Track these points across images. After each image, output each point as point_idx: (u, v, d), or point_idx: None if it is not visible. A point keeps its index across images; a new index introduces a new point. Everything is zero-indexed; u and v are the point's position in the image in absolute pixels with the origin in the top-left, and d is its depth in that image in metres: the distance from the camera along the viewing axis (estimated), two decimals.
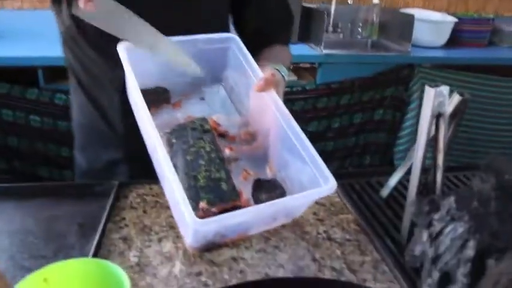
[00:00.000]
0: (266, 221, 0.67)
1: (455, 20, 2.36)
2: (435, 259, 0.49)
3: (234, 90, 0.86)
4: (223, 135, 0.79)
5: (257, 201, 0.68)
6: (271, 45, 0.96)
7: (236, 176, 0.72)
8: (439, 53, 2.31)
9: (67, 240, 0.70)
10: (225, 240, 0.67)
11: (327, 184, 0.63)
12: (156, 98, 0.81)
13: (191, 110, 0.82)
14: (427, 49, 2.32)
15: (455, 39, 2.42)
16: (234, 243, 0.67)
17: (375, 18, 2.48)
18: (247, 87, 0.79)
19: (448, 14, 2.49)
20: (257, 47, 0.94)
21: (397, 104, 2.21)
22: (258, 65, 0.80)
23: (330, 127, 2.19)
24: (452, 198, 0.49)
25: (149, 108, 0.79)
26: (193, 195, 0.63)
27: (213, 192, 0.63)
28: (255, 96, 0.77)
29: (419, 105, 2.19)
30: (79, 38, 0.86)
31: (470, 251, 0.45)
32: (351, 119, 2.21)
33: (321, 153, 2.12)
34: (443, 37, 2.36)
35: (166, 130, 0.75)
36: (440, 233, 0.49)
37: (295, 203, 0.66)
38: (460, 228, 0.47)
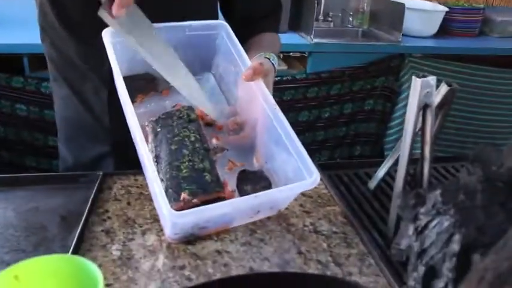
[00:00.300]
0: (248, 214, 0.66)
1: (446, 9, 2.35)
2: (421, 253, 0.48)
3: (223, 78, 0.84)
4: (210, 124, 0.78)
5: (242, 192, 0.66)
6: (260, 33, 0.94)
7: (222, 166, 0.71)
8: (430, 43, 2.30)
9: (48, 233, 0.68)
10: (206, 233, 0.65)
11: (311, 177, 0.62)
12: (143, 85, 0.80)
13: (179, 98, 0.79)
14: (418, 39, 2.32)
15: (446, 28, 2.42)
16: (219, 236, 0.66)
17: (365, 7, 2.46)
18: (236, 76, 0.78)
19: (439, 3, 2.49)
20: (245, 35, 0.92)
21: (387, 94, 2.21)
22: (248, 53, 0.78)
23: (320, 117, 2.19)
24: (438, 192, 0.49)
25: (136, 96, 0.78)
26: (176, 186, 0.61)
27: (195, 183, 0.62)
28: (243, 85, 0.76)
29: None
30: (60, 28, 0.83)
31: (455, 246, 0.44)
32: (341, 109, 2.20)
33: (311, 143, 2.12)
34: (434, 27, 2.36)
35: (152, 118, 0.73)
36: (425, 226, 0.48)
37: (277, 196, 0.64)
38: (446, 222, 0.46)
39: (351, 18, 2.47)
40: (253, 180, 0.67)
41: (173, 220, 0.55)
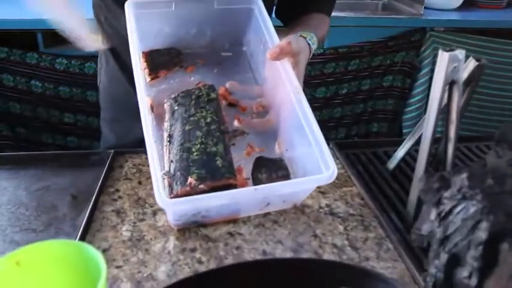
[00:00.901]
0: (256, 206, 0.62)
1: None
2: (444, 240, 0.45)
3: (253, 56, 0.80)
4: (234, 105, 0.74)
5: (256, 181, 0.62)
6: (310, 13, 0.90)
7: (240, 151, 0.67)
8: (453, 16, 2.20)
9: (59, 212, 0.67)
10: (211, 221, 0.62)
11: (327, 171, 0.58)
12: (168, 60, 0.77)
13: (204, 76, 0.76)
14: (441, 11, 2.22)
15: (471, 0, 2.31)
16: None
17: None
18: (264, 55, 0.73)
19: None
20: (295, 13, 0.89)
21: (407, 69, 2.14)
22: (291, 32, 0.74)
23: (338, 93, 2.14)
24: (464, 175, 0.45)
25: (160, 71, 0.75)
26: (184, 169, 0.58)
27: (204, 168, 0.58)
28: (271, 65, 0.72)
29: (431, 71, 2.11)
30: (113, 5, 0.82)
31: (482, 233, 0.41)
32: (359, 85, 2.14)
33: (328, 120, 2.08)
34: None
35: (172, 95, 0.71)
36: (450, 212, 0.45)
37: (283, 191, 0.59)
38: (472, 207, 0.43)
39: None
40: (270, 168, 0.62)
41: (165, 208, 0.53)
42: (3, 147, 1.97)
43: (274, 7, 0.94)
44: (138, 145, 0.89)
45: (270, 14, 0.91)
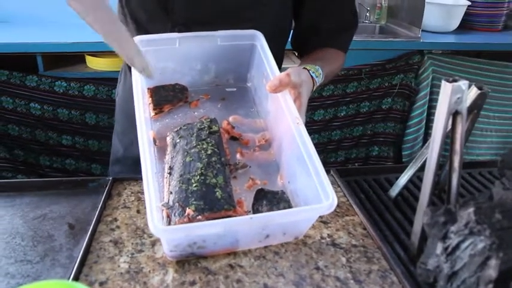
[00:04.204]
0: (255, 237, 0.60)
1: (468, 3, 2.27)
2: (451, 276, 0.44)
3: (257, 91, 0.81)
4: (236, 138, 0.74)
5: (256, 213, 0.61)
6: (325, 47, 0.91)
7: (242, 184, 0.67)
8: (451, 39, 2.22)
9: (55, 242, 0.66)
10: (209, 253, 0.60)
11: (327, 201, 0.56)
12: (172, 95, 0.78)
13: (209, 111, 0.78)
14: (438, 34, 2.24)
15: (468, 23, 2.33)
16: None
17: (383, 2, 2.40)
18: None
19: None
20: (309, 46, 0.90)
21: (406, 92, 2.15)
22: (302, 63, 0.75)
23: (337, 115, 2.14)
24: (471, 210, 0.44)
25: (163, 106, 0.77)
26: (183, 200, 0.57)
27: (203, 199, 0.57)
28: (273, 99, 0.72)
29: (429, 94, 2.12)
30: (130, 21, 0.84)
31: (492, 271, 0.40)
32: (358, 108, 2.15)
33: (327, 143, 2.09)
34: (455, 22, 2.28)
35: (175, 129, 0.71)
36: (457, 247, 0.44)
37: (280, 220, 0.56)
38: (481, 243, 0.42)
39: (368, 14, 2.41)
40: (271, 201, 0.61)
41: (157, 235, 0.52)
42: (0, 170, 1.96)
43: (290, 36, 0.96)
44: None
45: (286, 38, 0.93)
